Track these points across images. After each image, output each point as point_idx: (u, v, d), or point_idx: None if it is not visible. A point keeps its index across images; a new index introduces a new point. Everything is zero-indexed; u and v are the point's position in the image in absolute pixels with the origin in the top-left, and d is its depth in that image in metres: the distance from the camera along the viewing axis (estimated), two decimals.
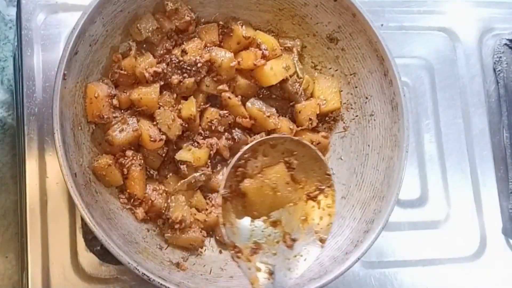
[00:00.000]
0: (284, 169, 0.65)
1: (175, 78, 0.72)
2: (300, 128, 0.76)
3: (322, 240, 0.64)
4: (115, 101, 0.70)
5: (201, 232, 0.72)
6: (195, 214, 0.72)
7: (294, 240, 0.64)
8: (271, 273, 0.62)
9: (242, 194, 0.64)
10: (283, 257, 0.63)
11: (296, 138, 0.66)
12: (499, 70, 0.90)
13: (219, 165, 0.76)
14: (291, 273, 0.63)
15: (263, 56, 0.74)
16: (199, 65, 0.72)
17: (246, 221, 0.64)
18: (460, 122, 0.88)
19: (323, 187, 0.65)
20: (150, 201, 0.70)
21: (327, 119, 0.78)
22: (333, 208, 0.65)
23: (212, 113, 0.73)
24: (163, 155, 0.73)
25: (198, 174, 0.72)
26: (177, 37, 0.74)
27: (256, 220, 0.64)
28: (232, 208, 0.64)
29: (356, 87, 0.76)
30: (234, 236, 0.63)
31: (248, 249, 0.63)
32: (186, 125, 0.72)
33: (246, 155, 0.64)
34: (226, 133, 0.74)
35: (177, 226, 0.70)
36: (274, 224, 0.64)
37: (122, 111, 0.72)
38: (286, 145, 0.65)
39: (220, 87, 0.74)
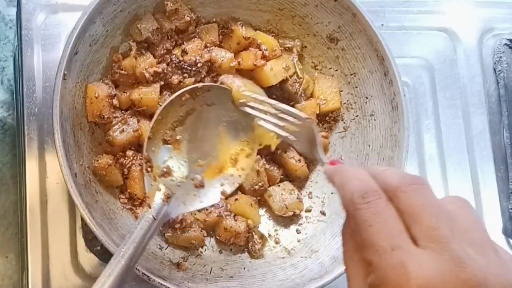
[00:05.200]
0: None
1: (175, 78, 0.72)
2: None
3: (223, 194, 0.67)
4: (115, 101, 0.70)
5: (201, 231, 0.72)
6: (195, 214, 0.72)
7: (203, 184, 0.67)
8: (168, 197, 0.63)
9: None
10: (185, 191, 0.65)
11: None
12: (499, 70, 0.90)
13: None
14: (184, 207, 0.65)
15: (263, 57, 0.74)
16: (199, 65, 0.72)
17: (168, 148, 0.67)
18: (460, 122, 0.88)
19: (245, 148, 0.68)
20: None
21: (327, 119, 0.78)
22: (246, 171, 0.68)
23: None
24: None
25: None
26: (177, 37, 0.74)
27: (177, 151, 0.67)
28: (163, 131, 0.67)
29: (356, 87, 0.76)
30: (154, 153, 0.66)
31: (159, 170, 0.65)
32: None
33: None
34: None
35: (177, 225, 0.70)
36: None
37: (123, 111, 0.72)
38: None
39: None
